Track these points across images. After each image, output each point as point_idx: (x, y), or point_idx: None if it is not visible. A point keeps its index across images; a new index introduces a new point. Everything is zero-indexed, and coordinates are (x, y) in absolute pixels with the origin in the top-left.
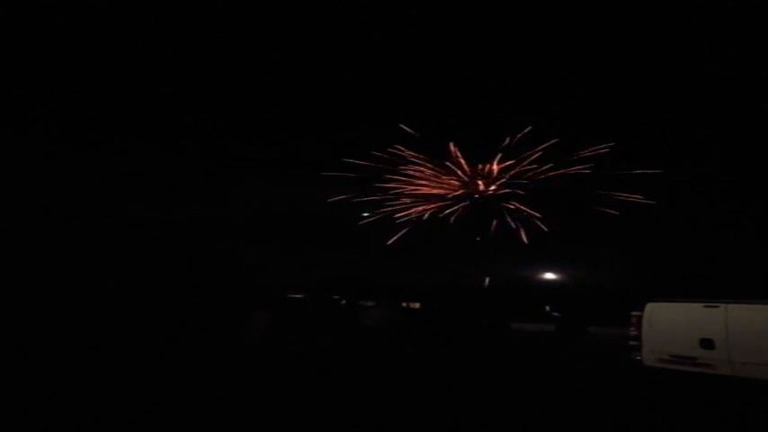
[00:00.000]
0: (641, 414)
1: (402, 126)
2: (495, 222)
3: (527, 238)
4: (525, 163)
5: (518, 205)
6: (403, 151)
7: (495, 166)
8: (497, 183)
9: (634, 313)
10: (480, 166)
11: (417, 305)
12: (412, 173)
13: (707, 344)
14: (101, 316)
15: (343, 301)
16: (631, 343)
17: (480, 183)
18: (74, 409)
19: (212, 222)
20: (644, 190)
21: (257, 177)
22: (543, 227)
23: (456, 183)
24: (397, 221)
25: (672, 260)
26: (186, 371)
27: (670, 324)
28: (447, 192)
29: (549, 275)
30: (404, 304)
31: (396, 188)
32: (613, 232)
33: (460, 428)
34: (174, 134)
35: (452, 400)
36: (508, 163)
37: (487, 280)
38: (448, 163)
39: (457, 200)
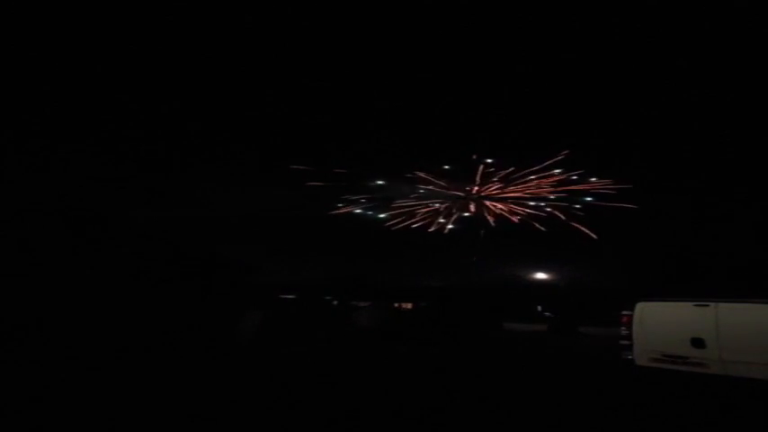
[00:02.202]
0: (634, 414)
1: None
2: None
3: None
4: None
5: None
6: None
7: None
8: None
9: (625, 313)
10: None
11: (409, 306)
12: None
13: (698, 343)
14: (95, 316)
15: (335, 302)
16: (622, 342)
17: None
18: (71, 408)
19: (203, 223)
20: (634, 190)
21: (250, 178)
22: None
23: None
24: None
25: (662, 259)
26: (179, 371)
27: (661, 323)
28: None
29: (541, 275)
30: (396, 305)
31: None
32: (604, 233)
33: (452, 427)
34: (165, 133)
35: (444, 399)
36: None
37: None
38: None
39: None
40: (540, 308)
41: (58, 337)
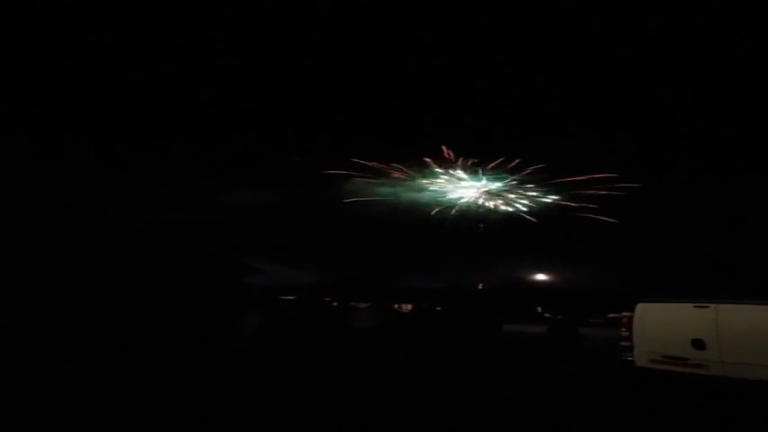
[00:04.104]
0: (633, 415)
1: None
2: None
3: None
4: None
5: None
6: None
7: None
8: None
9: (625, 314)
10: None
11: (409, 307)
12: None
13: (698, 344)
14: (94, 317)
15: (335, 303)
16: (623, 344)
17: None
18: (66, 410)
19: (203, 224)
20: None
21: (247, 179)
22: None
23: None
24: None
25: (662, 260)
26: (178, 372)
27: (661, 324)
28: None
29: (541, 276)
30: (395, 306)
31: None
32: (604, 233)
33: (453, 430)
34: (160, 134)
35: (444, 402)
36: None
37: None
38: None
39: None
40: (539, 309)
41: (57, 337)
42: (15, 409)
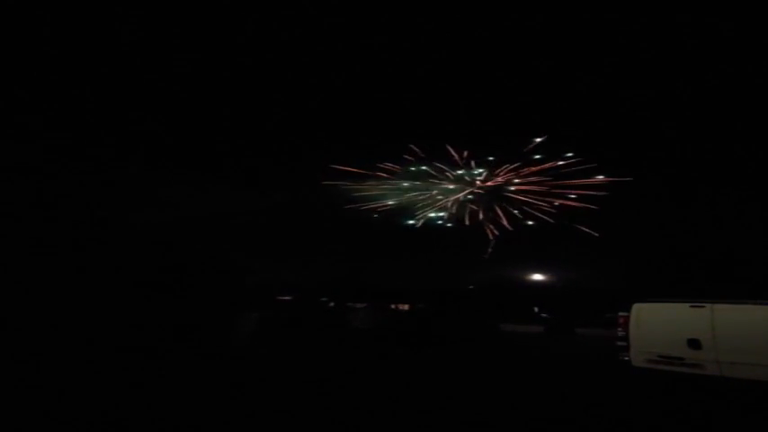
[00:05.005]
0: (630, 415)
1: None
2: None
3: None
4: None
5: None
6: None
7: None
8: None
9: (622, 314)
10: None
11: (406, 307)
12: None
13: (694, 344)
14: (91, 318)
15: (332, 303)
16: (619, 344)
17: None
18: (66, 409)
19: (200, 225)
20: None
21: (245, 180)
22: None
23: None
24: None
25: (659, 260)
26: (176, 372)
27: (657, 324)
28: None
29: (538, 277)
30: (392, 306)
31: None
32: (600, 234)
33: (449, 429)
34: (157, 136)
35: (442, 402)
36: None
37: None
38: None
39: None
40: (536, 309)
41: (54, 338)
42: (14, 407)
